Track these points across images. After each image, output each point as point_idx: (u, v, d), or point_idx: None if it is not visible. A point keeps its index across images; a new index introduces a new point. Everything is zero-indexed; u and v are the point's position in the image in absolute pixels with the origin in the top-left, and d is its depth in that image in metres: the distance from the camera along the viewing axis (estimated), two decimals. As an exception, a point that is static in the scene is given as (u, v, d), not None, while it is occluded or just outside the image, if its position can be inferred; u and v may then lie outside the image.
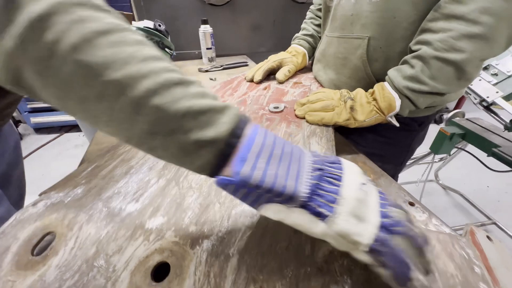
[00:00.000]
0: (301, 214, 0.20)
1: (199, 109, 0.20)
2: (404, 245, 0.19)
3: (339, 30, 0.57)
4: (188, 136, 0.20)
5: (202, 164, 0.21)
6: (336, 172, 0.21)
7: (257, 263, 0.24)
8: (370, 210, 0.20)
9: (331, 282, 0.22)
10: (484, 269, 0.24)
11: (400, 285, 0.19)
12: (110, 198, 0.32)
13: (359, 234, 0.19)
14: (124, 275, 0.24)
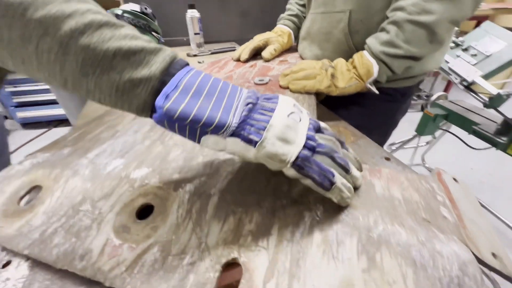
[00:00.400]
0: (235, 143, 0.22)
1: (129, 49, 0.20)
2: (326, 162, 0.23)
3: (322, 6, 0.59)
4: (121, 75, 0.21)
5: (139, 104, 0.22)
6: (269, 105, 0.23)
7: (237, 199, 0.26)
8: (297, 134, 0.23)
9: (305, 210, 0.24)
10: (446, 198, 0.26)
11: (324, 189, 0.23)
12: (96, 156, 0.33)
13: (284, 154, 0.22)
14: (109, 216, 0.26)
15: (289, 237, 0.22)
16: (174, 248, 0.22)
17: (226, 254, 0.21)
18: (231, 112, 0.22)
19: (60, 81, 0.21)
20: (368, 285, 0.18)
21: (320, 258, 0.20)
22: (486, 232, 0.25)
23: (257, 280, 0.20)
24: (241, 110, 0.22)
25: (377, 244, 0.20)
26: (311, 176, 0.22)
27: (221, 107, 0.22)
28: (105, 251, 0.23)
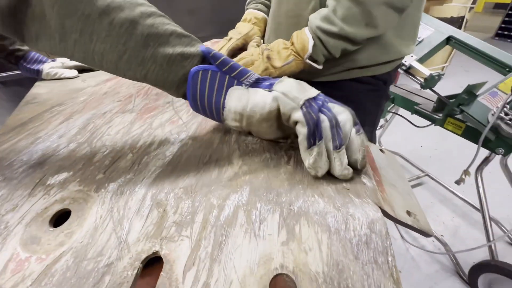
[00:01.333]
0: (256, 92, 0.28)
1: (181, 33, 0.28)
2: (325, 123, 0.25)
3: None
4: (175, 49, 0.27)
5: (185, 74, 0.27)
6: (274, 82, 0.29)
7: (163, 191, 0.24)
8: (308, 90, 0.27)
9: (231, 193, 0.24)
10: (369, 168, 0.28)
11: (308, 146, 0.25)
12: (7, 166, 0.30)
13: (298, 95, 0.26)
14: (17, 229, 0.23)
15: (213, 222, 0.21)
16: (90, 252, 0.20)
17: (147, 249, 0.20)
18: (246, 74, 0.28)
19: (118, 52, 0.25)
20: (286, 256, 0.19)
21: (242, 237, 0.20)
22: (404, 193, 0.27)
23: (177, 271, 0.19)
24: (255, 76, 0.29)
25: (297, 216, 0.21)
26: (309, 125, 0.25)
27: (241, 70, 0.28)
28: (8, 268, 0.20)
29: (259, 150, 0.29)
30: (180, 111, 0.40)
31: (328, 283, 0.17)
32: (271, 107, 0.27)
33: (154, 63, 0.26)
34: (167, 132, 0.34)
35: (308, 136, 0.25)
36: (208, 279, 0.18)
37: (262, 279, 0.18)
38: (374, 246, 0.18)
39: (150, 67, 0.26)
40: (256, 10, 0.67)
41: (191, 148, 0.30)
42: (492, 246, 0.88)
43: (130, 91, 0.49)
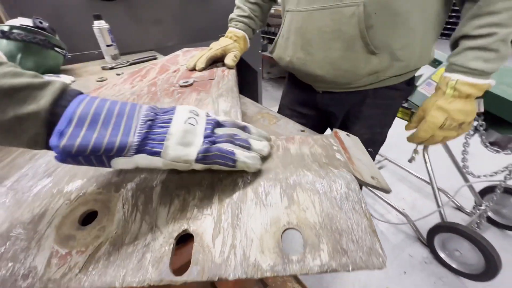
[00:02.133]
0: (143, 158, 0.24)
1: (11, 87, 0.20)
2: (228, 147, 0.27)
3: (320, 1, 0.52)
4: (5, 114, 0.20)
5: (30, 138, 0.22)
6: (167, 117, 0.26)
7: (179, 185, 0.29)
8: (196, 136, 0.26)
9: (238, 178, 0.29)
10: (340, 147, 0.35)
11: (230, 167, 0.27)
12: (16, 182, 0.31)
13: (187, 155, 0.25)
14: (48, 231, 0.25)
15: (228, 200, 0.26)
16: (126, 239, 0.24)
17: (176, 228, 0.24)
18: (131, 132, 0.24)
19: None
20: (290, 216, 0.24)
21: (254, 208, 0.25)
22: (368, 165, 0.35)
23: (207, 239, 0.23)
24: (141, 129, 0.24)
25: (293, 187, 0.27)
26: (216, 162, 0.26)
27: (119, 131, 0.23)
28: (52, 263, 0.23)
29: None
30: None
31: (323, 228, 0.23)
32: (164, 166, 0.26)
33: None
34: (166, 136, 0.38)
35: (224, 165, 0.26)
36: (233, 241, 0.23)
37: (275, 234, 0.23)
38: (352, 199, 0.25)
39: None
40: (236, 28, 0.72)
41: (192, 147, 0.35)
42: (441, 211, 1.05)
43: (116, 103, 0.51)
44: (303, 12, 0.55)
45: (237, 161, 0.27)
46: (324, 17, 0.52)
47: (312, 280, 1.03)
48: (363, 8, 0.47)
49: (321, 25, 0.53)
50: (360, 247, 0.22)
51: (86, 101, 0.23)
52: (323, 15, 0.52)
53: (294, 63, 0.63)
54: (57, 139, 0.21)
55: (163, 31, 1.21)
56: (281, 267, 0.21)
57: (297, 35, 0.59)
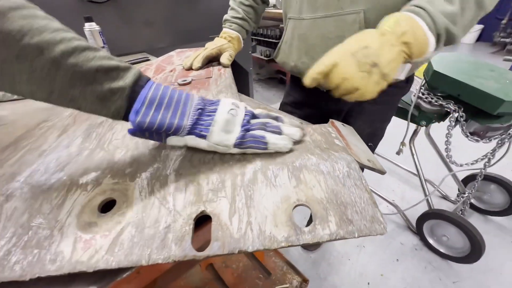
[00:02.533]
0: (192, 139, 0.30)
1: (108, 67, 0.27)
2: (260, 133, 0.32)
3: (323, 9, 0.54)
4: (102, 86, 0.27)
5: (116, 109, 0.28)
6: (213, 107, 0.32)
7: (191, 172, 0.30)
8: (235, 125, 0.31)
9: (247, 163, 0.31)
10: (337, 134, 0.38)
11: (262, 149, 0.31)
12: (29, 177, 0.32)
13: (227, 140, 0.31)
14: (70, 220, 0.26)
15: (240, 184, 0.28)
16: (147, 222, 0.25)
17: (194, 210, 0.26)
18: (185, 117, 0.30)
19: (46, 92, 0.25)
20: (298, 194, 0.27)
21: (265, 189, 0.27)
22: (364, 150, 0.38)
23: (224, 219, 0.25)
24: (193, 115, 0.30)
25: (299, 169, 0.29)
26: (250, 147, 0.31)
27: (177, 114, 0.29)
28: (78, 247, 0.24)
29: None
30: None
31: (330, 202, 0.26)
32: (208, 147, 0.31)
33: (85, 101, 0.27)
34: (172, 130, 0.39)
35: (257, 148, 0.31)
36: (249, 218, 0.25)
37: (286, 210, 0.25)
38: (353, 176, 0.28)
39: (81, 104, 0.27)
40: (231, 29, 0.74)
41: (200, 139, 0.36)
42: (429, 200, 1.10)
43: (117, 102, 0.52)
44: (306, 20, 0.58)
45: (268, 143, 0.31)
46: (327, 24, 0.54)
47: (311, 271, 1.06)
48: (363, 15, 0.50)
49: (325, 32, 0.55)
50: (364, 216, 0.24)
51: (154, 87, 0.29)
52: (326, 22, 0.55)
53: (299, 68, 0.66)
54: (134, 116, 0.28)
55: (154, 32, 1.22)
56: (295, 238, 0.23)
57: (300, 41, 0.62)
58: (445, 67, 0.88)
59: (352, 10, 0.51)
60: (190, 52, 0.91)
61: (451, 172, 1.15)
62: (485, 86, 0.78)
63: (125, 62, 0.29)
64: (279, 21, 2.39)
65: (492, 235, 1.16)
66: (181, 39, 1.32)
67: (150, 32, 1.20)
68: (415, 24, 0.37)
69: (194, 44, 1.28)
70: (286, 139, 0.32)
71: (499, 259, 1.07)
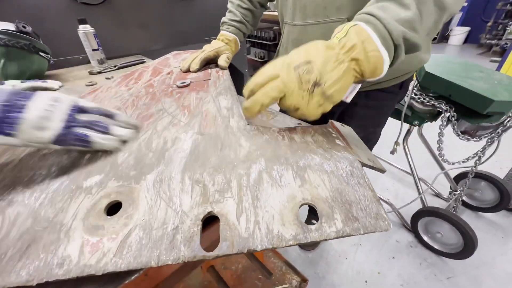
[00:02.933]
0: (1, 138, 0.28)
1: None
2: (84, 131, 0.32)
3: (311, 17, 0.56)
4: None
5: None
6: (22, 103, 0.29)
7: (196, 172, 0.31)
8: (53, 121, 0.30)
9: (252, 164, 0.31)
10: (338, 135, 0.39)
11: (86, 148, 0.33)
12: (30, 180, 0.31)
13: (42, 137, 0.29)
14: (75, 224, 0.26)
15: (246, 184, 0.29)
16: (154, 224, 0.26)
17: (202, 211, 0.26)
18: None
19: None
20: (304, 193, 0.27)
21: (271, 189, 0.28)
22: (364, 150, 0.39)
23: (231, 219, 0.26)
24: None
25: (303, 169, 0.30)
26: (72, 144, 0.31)
27: None
28: (85, 251, 0.24)
29: (258, 134, 0.38)
30: (176, 115, 0.45)
31: (335, 200, 0.26)
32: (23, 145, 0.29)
33: None
34: (174, 132, 0.39)
35: (80, 146, 0.32)
36: (256, 218, 0.25)
37: (293, 209, 0.26)
38: (356, 175, 0.29)
39: None
40: (228, 32, 0.75)
41: (203, 141, 0.37)
42: (423, 198, 1.13)
43: (115, 104, 0.51)
44: (298, 26, 0.61)
45: (91, 142, 0.32)
46: (315, 31, 0.57)
47: (309, 271, 1.07)
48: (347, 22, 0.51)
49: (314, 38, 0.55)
50: (368, 213, 0.25)
51: None
52: (314, 29, 0.57)
53: None
54: None
55: (149, 34, 1.21)
56: (302, 236, 0.24)
57: (294, 46, 0.63)
58: (436, 68, 0.90)
59: (337, 18, 0.52)
60: (186, 55, 0.91)
61: (443, 171, 1.18)
62: (475, 86, 0.81)
63: None
64: (273, 23, 2.41)
65: (483, 231, 1.19)
66: (176, 41, 1.32)
67: (145, 34, 1.19)
68: (366, 37, 0.31)
69: (189, 47, 1.28)
70: (112, 139, 0.34)
71: (491, 254, 1.10)
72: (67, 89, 0.77)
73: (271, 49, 2.50)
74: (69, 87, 0.78)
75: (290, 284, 0.85)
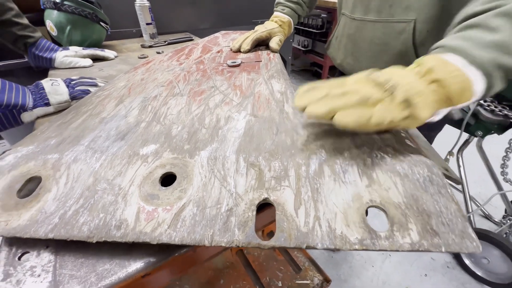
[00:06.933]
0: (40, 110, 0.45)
1: None
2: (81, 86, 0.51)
3: (374, 13, 0.51)
4: None
5: None
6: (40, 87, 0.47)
7: (251, 155, 0.29)
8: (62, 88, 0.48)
9: (311, 154, 0.29)
10: (407, 135, 0.34)
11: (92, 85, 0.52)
12: (92, 141, 0.32)
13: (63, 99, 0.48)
14: (132, 189, 0.26)
15: (305, 175, 0.26)
16: (208, 202, 0.25)
17: (257, 197, 0.25)
18: (26, 97, 0.44)
19: None
20: (372, 194, 0.24)
21: (333, 184, 0.25)
22: (435, 156, 0.34)
23: (289, 210, 0.24)
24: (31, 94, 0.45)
25: (371, 167, 0.27)
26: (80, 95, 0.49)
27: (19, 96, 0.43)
28: (141, 217, 0.24)
29: (316, 123, 0.35)
30: (228, 94, 0.44)
31: (410, 208, 0.23)
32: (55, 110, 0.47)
33: None
34: (227, 111, 0.38)
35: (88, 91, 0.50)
36: (316, 213, 0.23)
37: (359, 210, 0.23)
38: (436, 183, 0.25)
39: None
40: (283, 13, 0.71)
41: (256, 123, 0.35)
42: (471, 217, 1.01)
43: (168, 77, 0.52)
44: (357, 21, 0.56)
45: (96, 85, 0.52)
46: (376, 30, 0.52)
47: (331, 271, 1.04)
48: (413, 25, 0.46)
49: (372, 36, 0.53)
50: (452, 229, 0.21)
51: None
52: (375, 27, 0.52)
53: (344, 67, 0.66)
54: None
55: (197, 13, 1.21)
56: (370, 242, 0.21)
57: (349, 41, 0.61)
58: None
59: (403, 18, 0.47)
60: (235, 35, 0.89)
61: (502, 191, 1.04)
62: None
63: None
64: (323, 10, 2.27)
65: (539, 266, 1.04)
66: (223, 21, 1.31)
67: (194, 12, 1.19)
68: (445, 60, 0.28)
69: (235, 28, 1.26)
70: None
71: (544, 292, 0.97)
72: (122, 59, 0.80)
73: (317, 38, 2.37)
74: (123, 58, 0.81)
75: (312, 281, 0.83)
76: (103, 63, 0.75)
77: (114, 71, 0.69)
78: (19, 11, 0.65)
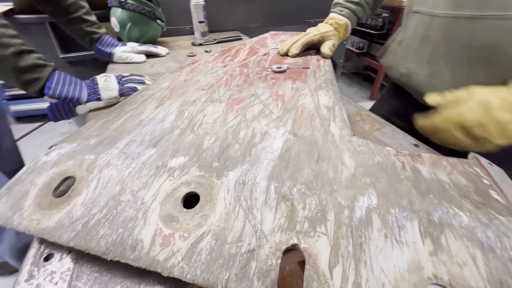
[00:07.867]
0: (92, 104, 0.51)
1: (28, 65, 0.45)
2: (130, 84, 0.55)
3: (471, 7, 0.38)
4: None
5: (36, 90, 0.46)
6: (95, 82, 0.52)
7: (284, 185, 0.25)
8: (113, 84, 0.53)
9: (358, 194, 0.24)
10: (492, 181, 0.26)
11: None
12: (126, 145, 0.32)
13: (113, 94, 0.52)
14: (154, 206, 0.25)
15: (347, 222, 0.22)
16: (229, 236, 0.22)
17: (285, 240, 0.21)
18: (82, 91, 0.50)
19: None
20: (437, 267, 0.18)
21: (383, 242, 0.20)
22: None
23: (322, 266, 0.19)
24: (87, 89, 0.51)
25: (439, 227, 0.20)
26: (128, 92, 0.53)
27: (76, 90, 0.49)
28: (156, 241, 0.22)
29: (368, 152, 0.29)
30: (268, 104, 0.40)
31: (495, 302, 0.16)
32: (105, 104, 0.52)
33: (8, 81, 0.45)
34: (264, 125, 0.35)
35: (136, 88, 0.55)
36: (357, 278, 0.18)
37: (416, 286, 0.18)
38: (540, 269, 0.18)
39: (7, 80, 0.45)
40: (340, 15, 0.63)
41: (295, 144, 0.31)
42: None
43: (210, 80, 0.50)
44: (440, 18, 0.42)
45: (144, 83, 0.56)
46: (475, 28, 0.38)
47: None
48: None
49: (469, 39, 0.39)
50: None
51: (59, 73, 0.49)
52: (473, 25, 0.38)
53: (410, 80, 0.50)
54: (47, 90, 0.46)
55: (249, 11, 1.19)
56: None
57: (423, 44, 0.46)
58: None
59: None
60: (284, 36, 0.85)
61: None
62: None
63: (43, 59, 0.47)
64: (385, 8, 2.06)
65: None
66: (275, 20, 1.27)
67: (245, 10, 1.18)
68: None
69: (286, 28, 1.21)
70: None
71: None
72: (172, 56, 0.83)
73: (374, 39, 2.17)
74: (173, 55, 0.84)
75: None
76: (154, 60, 0.79)
77: (163, 68, 0.72)
78: (89, 9, 0.71)
